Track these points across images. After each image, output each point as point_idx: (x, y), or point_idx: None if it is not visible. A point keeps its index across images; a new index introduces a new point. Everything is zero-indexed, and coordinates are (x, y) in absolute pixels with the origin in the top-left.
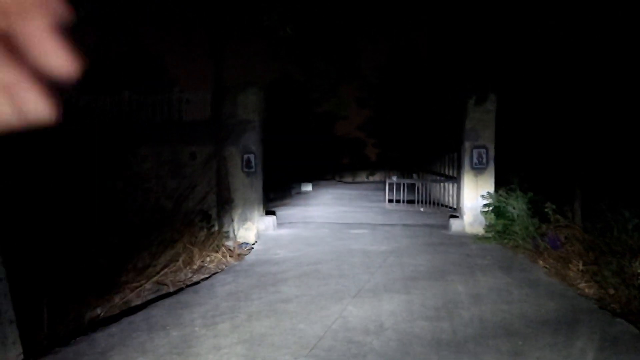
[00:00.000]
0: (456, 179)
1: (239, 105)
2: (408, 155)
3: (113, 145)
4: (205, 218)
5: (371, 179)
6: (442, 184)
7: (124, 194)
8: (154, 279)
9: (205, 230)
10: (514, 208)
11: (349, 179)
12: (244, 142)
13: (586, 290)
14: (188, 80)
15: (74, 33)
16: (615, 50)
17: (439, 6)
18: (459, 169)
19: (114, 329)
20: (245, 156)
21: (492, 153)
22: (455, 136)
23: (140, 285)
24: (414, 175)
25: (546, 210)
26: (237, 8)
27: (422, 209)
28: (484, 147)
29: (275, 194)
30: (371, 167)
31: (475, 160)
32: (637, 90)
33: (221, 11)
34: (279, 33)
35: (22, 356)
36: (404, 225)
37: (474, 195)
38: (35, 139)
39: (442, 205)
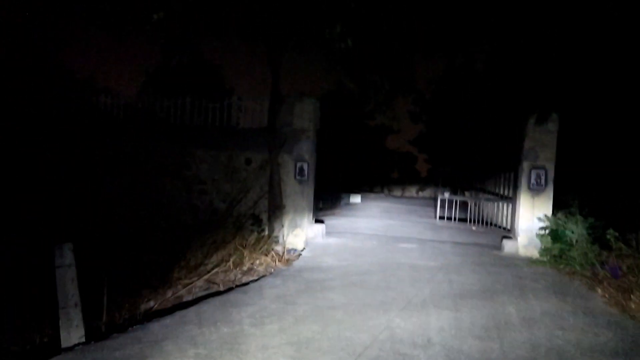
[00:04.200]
0: (511, 199)
1: (295, 114)
2: (460, 173)
3: (175, 146)
4: (256, 222)
5: (420, 194)
6: (495, 204)
7: (181, 193)
8: (205, 277)
9: (255, 233)
10: (572, 232)
11: (398, 193)
12: (298, 151)
13: None
14: (245, 89)
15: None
16: None
17: (498, 24)
18: (515, 189)
19: (167, 320)
20: (299, 164)
21: (551, 174)
22: (512, 155)
23: (192, 282)
24: (466, 193)
25: (608, 237)
26: (298, 19)
27: (473, 228)
28: (542, 167)
29: (325, 203)
30: (421, 183)
31: (533, 181)
32: None
33: (281, 22)
34: (340, 45)
35: (83, 338)
36: (454, 242)
37: (529, 217)
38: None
39: (494, 225)
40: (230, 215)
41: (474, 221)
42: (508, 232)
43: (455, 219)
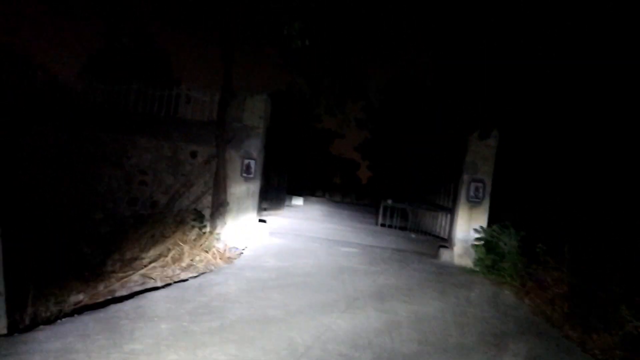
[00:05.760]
0: (450, 210)
1: (246, 110)
2: (401, 181)
3: (116, 134)
4: (199, 218)
5: (360, 201)
6: (434, 213)
7: (120, 183)
8: (141, 271)
9: (197, 229)
10: (505, 244)
11: (338, 199)
12: (246, 147)
13: (569, 332)
14: (195, 82)
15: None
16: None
17: (446, 42)
18: (455, 200)
19: (101, 314)
20: (246, 161)
21: (489, 188)
22: (453, 167)
23: (127, 276)
24: (406, 202)
25: (537, 250)
26: (256, 12)
27: (413, 236)
28: (481, 181)
29: (269, 203)
30: (361, 190)
31: (472, 193)
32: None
33: (238, 13)
34: (296, 43)
35: (5, 330)
36: (394, 249)
37: (466, 228)
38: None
39: (432, 234)
40: (171, 209)
41: (414, 229)
42: (444, 242)
43: (395, 226)
